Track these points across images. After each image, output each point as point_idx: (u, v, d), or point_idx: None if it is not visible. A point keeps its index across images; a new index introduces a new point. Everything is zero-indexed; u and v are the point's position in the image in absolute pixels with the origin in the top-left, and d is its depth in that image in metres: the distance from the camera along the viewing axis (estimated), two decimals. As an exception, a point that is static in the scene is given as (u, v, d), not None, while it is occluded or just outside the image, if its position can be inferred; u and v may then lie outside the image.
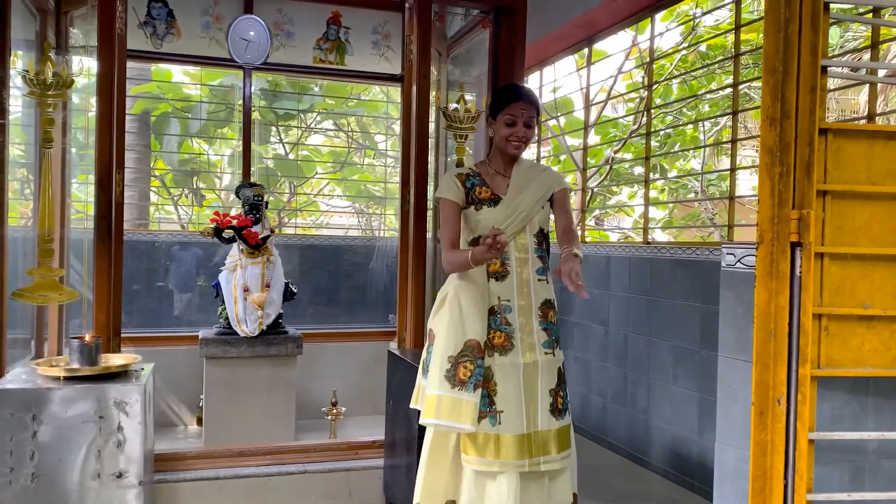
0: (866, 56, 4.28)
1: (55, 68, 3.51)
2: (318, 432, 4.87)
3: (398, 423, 3.66)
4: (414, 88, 4.07)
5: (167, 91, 7.09)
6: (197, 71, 7.04)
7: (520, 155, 2.84)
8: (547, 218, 2.83)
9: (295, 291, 4.89)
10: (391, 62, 5.53)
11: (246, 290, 4.63)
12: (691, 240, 7.81)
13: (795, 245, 2.10)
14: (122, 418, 3.21)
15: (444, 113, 4.07)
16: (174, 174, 7.83)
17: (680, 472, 4.35)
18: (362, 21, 5.42)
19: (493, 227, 2.50)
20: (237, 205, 4.94)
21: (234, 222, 4.58)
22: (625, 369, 4.95)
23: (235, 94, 6.35)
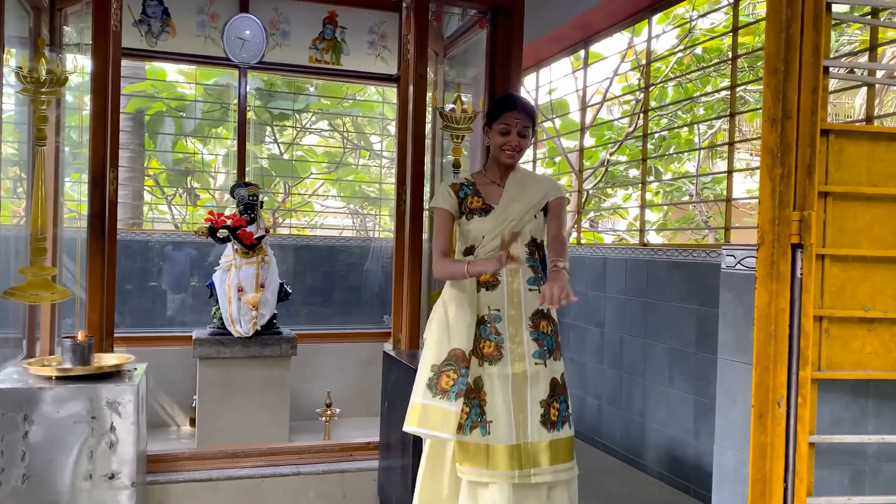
0: (863, 59, 4.28)
1: (49, 65, 3.48)
2: (312, 433, 4.85)
3: (393, 425, 3.64)
4: (411, 88, 4.05)
5: (161, 90, 7.05)
6: (191, 70, 7.01)
7: (514, 164, 2.80)
8: (541, 227, 2.79)
9: (289, 292, 4.87)
10: (387, 62, 5.52)
11: (240, 291, 4.60)
12: (686, 242, 7.80)
13: (796, 247, 2.09)
14: (115, 419, 3.18)
15: (441, 113, 4.05)
16: (168, 174, 7.79)
17: (676, 475, 4.34)
18: (359, 21, 5.41)
19: (504, 243, 2.50)
20: (231, 204, 4.91)
21: (229, 222, 4.55)
22: (620, 371, 4.94)
23: (230, 94, 6.32)
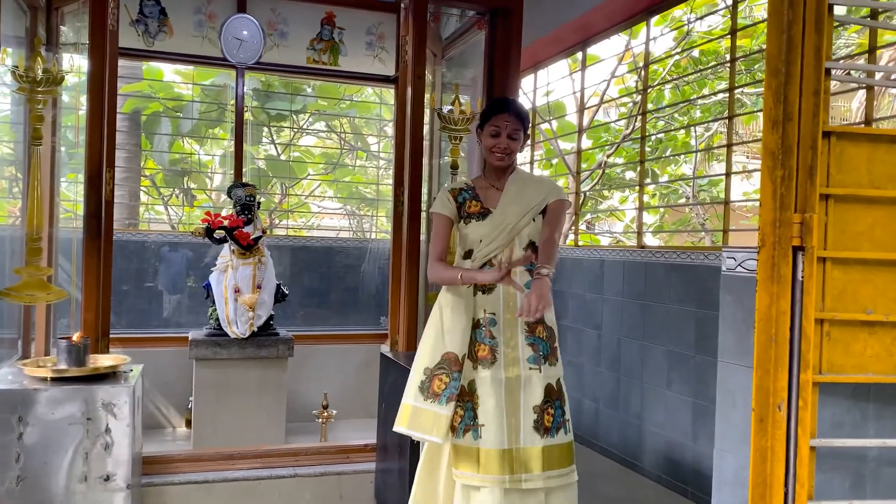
0: (859, 62, 4.27)
1: (45, 65, 3.46)
2: (309, 435, 4.83)
3: (390, 427, 3.59)
4: (409, 89, 4.03)
5: (158, 90, 7.03)
6: (188, 70, 6.98)
7: (505, 166, 2.77)
8: (539, 231, 2.74)
9: (286, 293, 4.85)
10: (385, 63, 5.51)
11: (237, 291, 4.58)
12: (683, 244, 7.80)
13: (797, 249, 2.07)
14: (110, 420, 3.16)
15: (439, 114, 4.04)
16: (165, 174, 7.76)
17: (673, 478, 4.33)
18: (356, 22, 5.41)
19: (507, 262, 2.52)
20: (228, 205, 4.90)
21: (226, 223, 4.53)
22: (618, 374, 4.93)
23: (228, 94, 6.30)
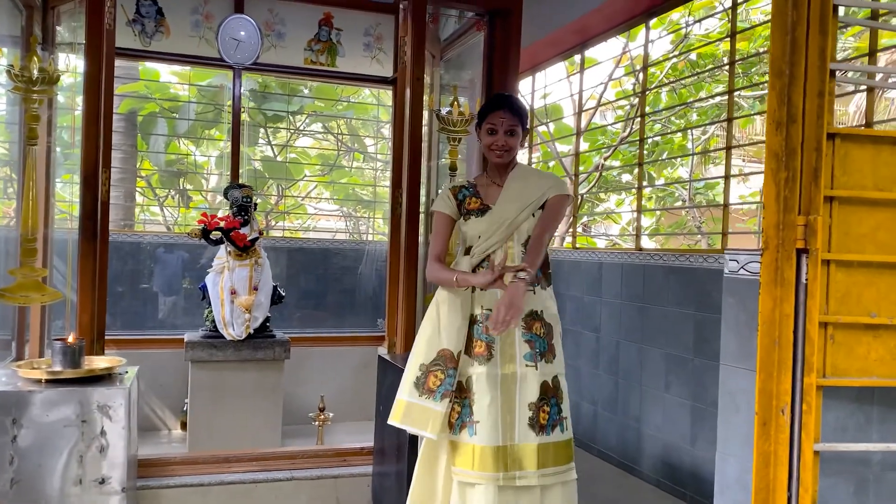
0: (857, 63, 4.27)
1: (41, 64, 3.43)
2: (305, 438, 4.80)
3: (388, 430, 3.58)
4: (408, 91, 4.01)
5: (154, 91, 7.00)
6: (185, 70, 6.95)
7: (505, 163, 2.75)
8: None
9: (283, 295, 4.83)
10: (383, 64, 5.50)
11: (233, 293, 4.56)
12: (679, 247, 7.79)
13: (801, 251, 2.06)
14: (106, 422, 3.12)
15: (438, 116, 4.02)
16: (160, 175, 7.73)
17: (672, 482, 4.31)
18: (354, 23, 5.39)
19: (503, 266, 2.50)
20: (224, 206, 4.87)
21: (223, 224, 4.51)
22: (616, 377, 4.91)
23: (224, 95, 6.28)
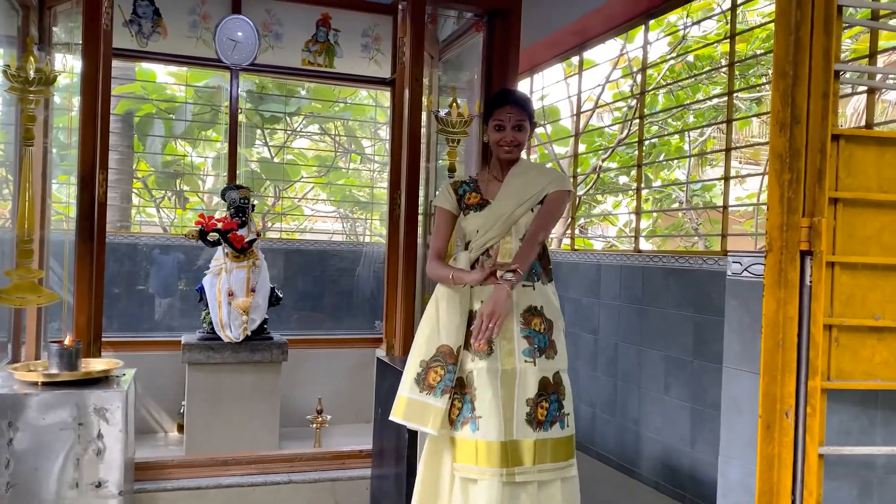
0: (856, 65, 4.26)
1: (38, 64, 3.41)
2: (302, 440, 4.78)
3: (387, 432, 3.58)
4: (406, 92, 3.99)
5: (151, 91, 6.96)
6: (182, 71, 6.93)
7: (513, 159, 2.76)
8: None
9: (281, 296, 4.81)
10: (380, 65, 5.49)
11: (230, 295, 4.53)
12: (676, 249, 7.78)
13: (805, 253, 2.05)
14: (103, 426, 3.10)
15: (437, 117, 4.00)
16: (157, 176, 7.69)
17: (671, 484, 4.30)
18: (352, 23, 5.38)
19: (493, 264, 2.54)
20: (221, 208, 4.84)
21: (220, 225, 4.48)
22: (615, 379, 4.90)
23: (221, 96, 6.25)
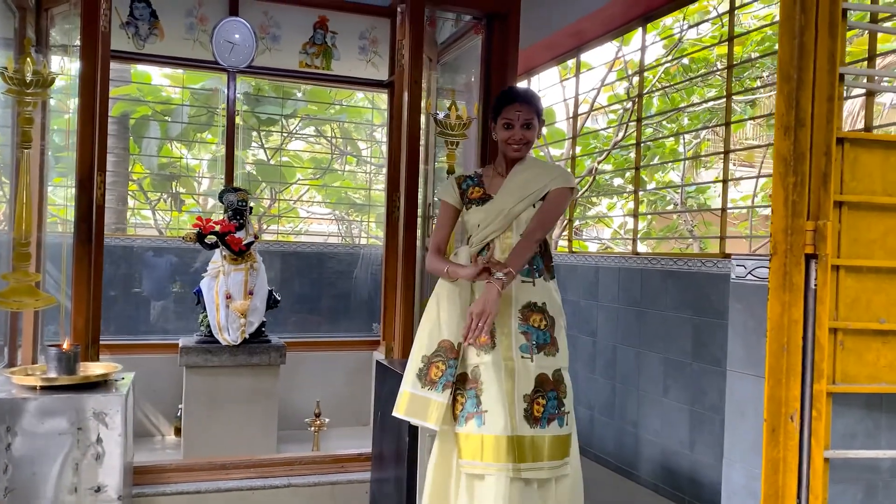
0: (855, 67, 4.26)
1: (35, 66, 3.39)
2: (300, 443, 4.76)
3: (387, 436, 3.57)
4: (405, 95, 3.98)
5: (147, 93, 6.94)
6: (177, 73, 6.90)
7: (521, 157, 2.77)
8: None
9: (279, 299, 4.79)
10: (378, 68, 5.48)
11: (228, 298, 4.52)
12: (676, 251, 7.79)
13: (809, 257, 2.05)
14: (102, 430, 3.08)
15: (436, 120, 4.00)
16: (153, 178, 7.67)
17: (670, 487, 4.30)
18: (349, 26, 5.37)
19: (487, 261, 2.58)
20: (216, 210, 4.82)
21: (218, 228, 4.47)
22: (613, 381, 4.89)
23: (218, 98, 6.23)
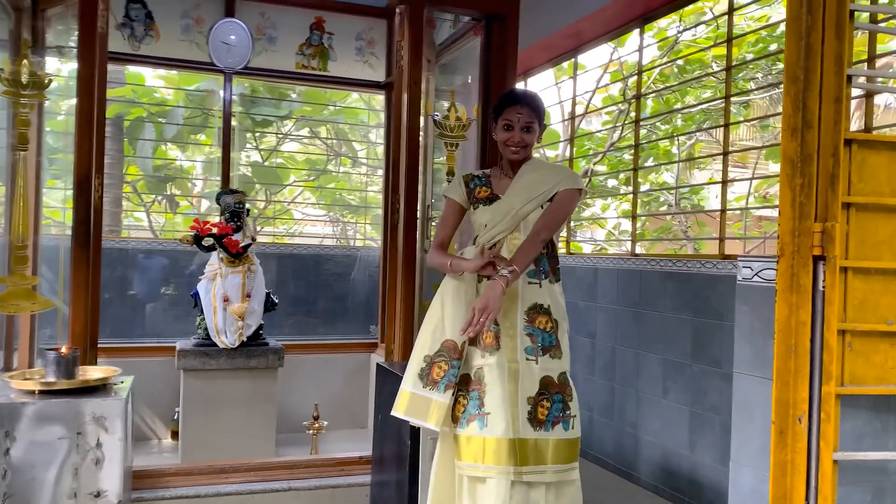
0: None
1: (32, 68, 3.37)
2: (298, 446, 4.75)
3: (387, 438, 3.55)
4: (405, 96, 3.97)
5: (142, 95, 6.90)
6: (172, 75, 6.86)
7: (520, 159, 2.76)
8: None
9: (276, 302, 4.77)
10: (374, 69, 5.48)
11: (226, 300, 4.50)
12: (674, 252, 7.79)
13: (817, 258, 2.04)
14: (102, 434, 3.06)
15: (435, 121, 3.99)
16: (147, 180, 7.62)
17: (670, 488, 4.29)
18: (346, 27, 5.37)
19: (495, 255, 2.55)
20: (212, 212, 4.80)
21: (215, 230, 4.45)
22: (612, 382, 4.89)
23: (213, 99, 6.20)
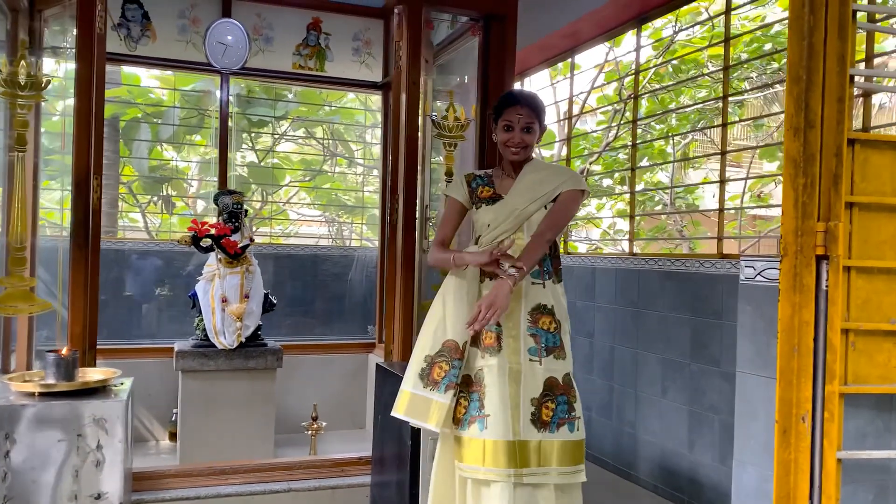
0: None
1: (29, 69, 3.35)
2: (297, 447, 4.74)
3: (388, 439, 3.55)
4: (403, 96, 3.97)
5: (137, 95, 6.88)
6: (168, 75, 6.84)
7: (520, 160, 2.76)
8: None
9: (274, 302, 4.76)
10: (371, 69, 5.48)
11: (224, 301, 4.49)
12: (671, 251, 7.81)
13: (820, 258, 2.05)
14: (102, 436, 3.05)
15: (434, 121, 3.99)
16: (143, 181, 7.61)
17: (669, 487, 4.30)
18: (343, 27, 5.37)
19: (501, 247, 2.53)
20: (208, 213, 4.79)
21: (213, 231, 4.44)
22: (611, 382, 4.90)
23: (209, 100, 6.19)
